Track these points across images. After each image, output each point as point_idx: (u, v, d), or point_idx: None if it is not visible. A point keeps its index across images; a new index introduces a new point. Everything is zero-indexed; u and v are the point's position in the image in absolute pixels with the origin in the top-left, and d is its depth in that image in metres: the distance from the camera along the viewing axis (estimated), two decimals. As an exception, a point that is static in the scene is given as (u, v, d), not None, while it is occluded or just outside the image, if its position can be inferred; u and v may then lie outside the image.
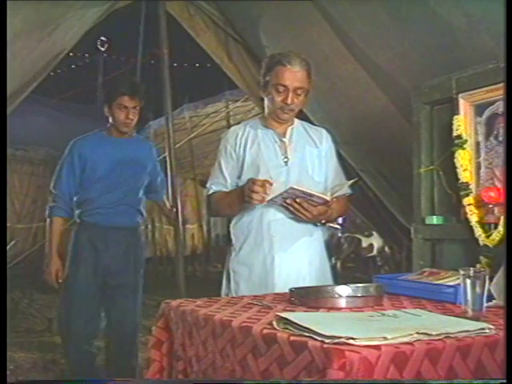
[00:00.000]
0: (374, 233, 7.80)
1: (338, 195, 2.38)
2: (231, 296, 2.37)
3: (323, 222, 2.50)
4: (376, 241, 8.06)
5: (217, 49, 4.40)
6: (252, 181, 2.31)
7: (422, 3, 2.87)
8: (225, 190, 2.53)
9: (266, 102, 2.54)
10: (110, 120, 3.28)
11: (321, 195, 2.30)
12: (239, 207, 2.45)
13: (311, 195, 2.27)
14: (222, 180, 2.53)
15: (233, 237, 2.55)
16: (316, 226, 2.50)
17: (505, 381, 1.25)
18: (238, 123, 2.76)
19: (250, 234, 2.48)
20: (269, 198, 2.28)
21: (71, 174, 3.29)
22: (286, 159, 2.49)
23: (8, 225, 11.30)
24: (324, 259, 2.56)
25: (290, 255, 2.44)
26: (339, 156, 2.72)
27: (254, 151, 2.51)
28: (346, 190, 2.50)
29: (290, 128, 2.56)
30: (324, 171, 2.56)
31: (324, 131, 2.65)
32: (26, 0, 2.84)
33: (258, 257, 2.45)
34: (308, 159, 2.53)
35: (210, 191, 2.56)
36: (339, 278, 2.72)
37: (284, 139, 2.53)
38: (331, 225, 2.62)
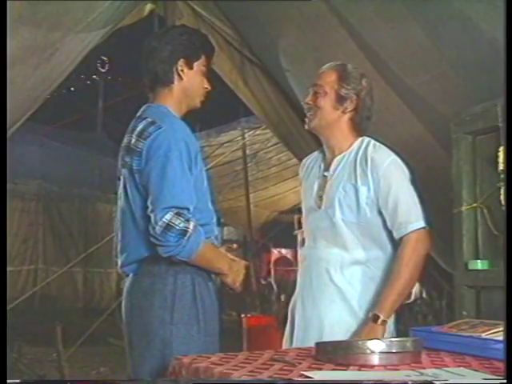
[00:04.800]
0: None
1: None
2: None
3: None
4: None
5: (231, 72, 4.43)
6: None
7: (462, 18, 2.85)
8: None
9: None
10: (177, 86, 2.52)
11: None
12: None
13: None
14: None
15: None
16: None
17: (505, 381, 1.27)
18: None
19: None
20: None
21: (186, 168, 2.20)
22: (319, 199, 2.38)
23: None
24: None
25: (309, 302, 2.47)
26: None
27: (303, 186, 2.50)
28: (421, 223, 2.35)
29: (338, 157, 2.40)
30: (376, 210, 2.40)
31: (385, 156, 2.51)
32: (22, 24, 2.91)
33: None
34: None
35: None
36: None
37: (326, 173, 2.42)
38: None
